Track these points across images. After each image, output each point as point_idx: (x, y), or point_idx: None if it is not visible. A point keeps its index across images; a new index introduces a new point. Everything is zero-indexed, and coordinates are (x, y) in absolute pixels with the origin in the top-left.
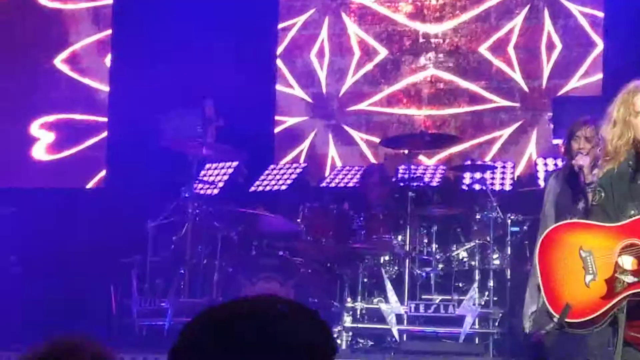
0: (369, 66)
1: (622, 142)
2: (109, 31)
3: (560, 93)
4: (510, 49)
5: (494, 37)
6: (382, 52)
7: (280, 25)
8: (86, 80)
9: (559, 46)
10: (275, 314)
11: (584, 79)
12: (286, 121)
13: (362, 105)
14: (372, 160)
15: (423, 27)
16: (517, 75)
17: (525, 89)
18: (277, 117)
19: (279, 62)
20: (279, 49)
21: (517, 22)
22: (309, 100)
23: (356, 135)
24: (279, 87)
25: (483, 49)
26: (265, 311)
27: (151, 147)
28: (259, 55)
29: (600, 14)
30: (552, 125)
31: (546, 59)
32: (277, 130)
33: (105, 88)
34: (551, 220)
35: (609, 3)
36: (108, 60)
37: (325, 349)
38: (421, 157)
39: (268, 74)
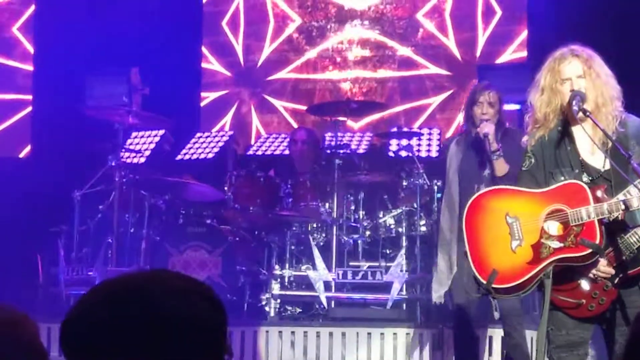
0: (288, 31)
1: (550, 109)
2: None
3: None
4: (447, 16)
5: (428, 4)
6: (298, 20)
7: None
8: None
9: (498, 13)
10: (166, 289)
11: (520, 50)
12: (212, 89)
13: (287, 74)
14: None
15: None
16: (450, 43)
17: (458, 56)
18: (203, 85)
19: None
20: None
21: None
22: (227, 72)
23: (280, 104)
24: (205, 55)
25: (420, 16)
26: (157, 286)
27: (77, 115)
28: (185, 23)
29: None
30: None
31: (482, 27)
32: (203, 97)
33: (29, 66)
34: (455, 186)
35: None
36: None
37: (214, 326)
38: (348, 123)
39: (194, 43)
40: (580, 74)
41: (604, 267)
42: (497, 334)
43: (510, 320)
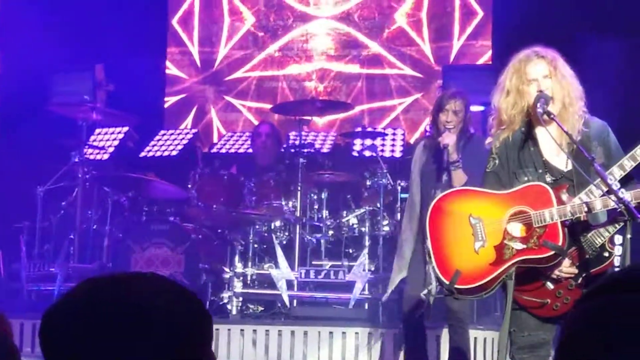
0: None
1: (515, 111)
2: None
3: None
4: (423, 16)
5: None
6: (255, 18)
7: None
8: None
9: (479, 14)
10: (155, 291)
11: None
12: (176, 87)
13: (249, 72)
14: None
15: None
16: (426, 46)
17: (431, 59)
18: (167, 83)
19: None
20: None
21: None
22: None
23: (244, 103)
24: (170, 52)
25: (395, 15)
26: (145, 286)
27: (41, 111)
28: (151, 20)
29: None
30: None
31: (459, 27)
32: (167, 95)
33: None
34: (417, 187)
35: None
36: None
37: (201, 332)
38: (313, 120)
39: (160, 40)
40: (546, 74)
41: (567, 267)
42: (445, 333)
43: (454, 321)
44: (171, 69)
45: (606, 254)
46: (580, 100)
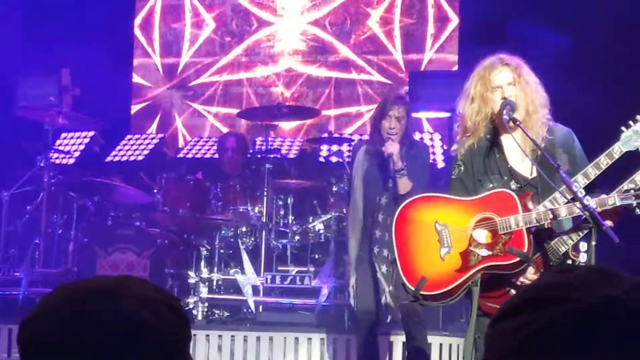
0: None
1: (480, 117)
2: None
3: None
4: (396, 24)
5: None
6: (218, 23)
7: None
8: None
9: (454, 20)
10: (136, 296)
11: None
12: (143, 92)
13: (215, 76)
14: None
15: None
16: (398, 54)
17: (402, 66)
18: (134, 88)
19: (138, 34)
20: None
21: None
22: (148, 81)
23: (209, 109)
24: (137, 57)
25: (368, 21)
26: (127, 292)
27: (6, 115)
28: (117, 25)
29: None
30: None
31: (432, 37)
32: (133, 101)
33: None
34: (360, 194)
35: None
36: None
37: (181, 340)
38: (280, 126)
39: (126, 45)
40: (510, 81)
41: (531, 274)
42: (398, 339)
43: (409, 326)
44: (136, 78)
45: (569, 262)
46: (544, 107)
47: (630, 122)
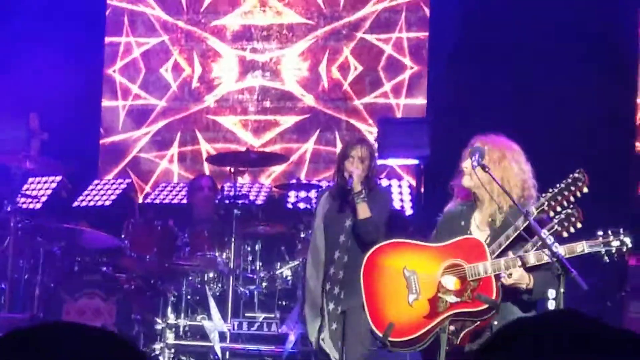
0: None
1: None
2: None
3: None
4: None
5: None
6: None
7: (107, 40)
8: None
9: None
10: (89, 341)
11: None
12: (111, 137)
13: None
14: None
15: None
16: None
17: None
18: (102, 132)
19: (116, 77)
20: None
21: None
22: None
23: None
24: (104, 102)
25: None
26: (76, 336)
27: None
28: (86, 69)
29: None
30: (376, 145)
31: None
32: (102, 144)
33: None
34: (321, 234)
35: (433, 25)
36: None
37: None
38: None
39: (95, 89)
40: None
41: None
42: None
43: None
44: (106, 121)
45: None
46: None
47: None
